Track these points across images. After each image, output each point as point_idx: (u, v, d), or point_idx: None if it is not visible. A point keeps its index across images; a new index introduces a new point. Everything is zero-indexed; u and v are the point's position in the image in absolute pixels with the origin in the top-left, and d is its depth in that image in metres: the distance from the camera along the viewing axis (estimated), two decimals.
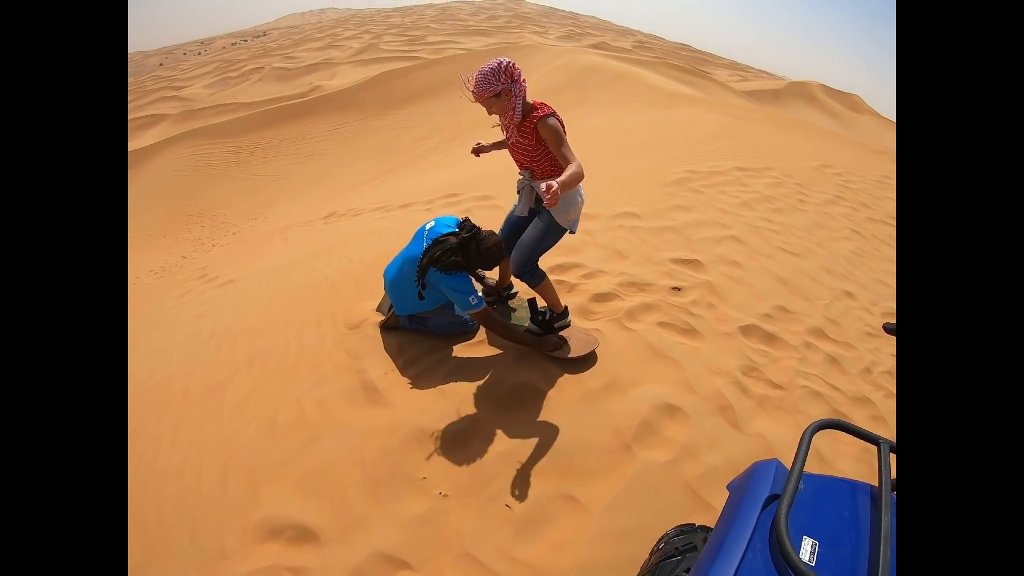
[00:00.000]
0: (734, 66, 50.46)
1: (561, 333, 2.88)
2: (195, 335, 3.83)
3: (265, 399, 2.76)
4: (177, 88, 35.40)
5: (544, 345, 2.78)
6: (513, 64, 2.39)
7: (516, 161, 2.69)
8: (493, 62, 2.37)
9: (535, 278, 2.75)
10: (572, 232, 2.73)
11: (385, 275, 2.94)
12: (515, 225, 2.91)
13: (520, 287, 3.35)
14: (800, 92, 30.49)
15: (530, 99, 2.50)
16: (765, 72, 51.52)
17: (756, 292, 3.74)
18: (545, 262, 3.61)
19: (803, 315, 3.60)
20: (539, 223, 2.66)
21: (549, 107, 2.47)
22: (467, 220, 2.68)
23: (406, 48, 35.41)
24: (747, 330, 3.29)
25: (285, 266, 4.89)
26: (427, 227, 2.76)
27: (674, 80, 19.25)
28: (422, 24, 48.03)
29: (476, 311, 2.60)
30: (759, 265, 4.14)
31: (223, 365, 3.20)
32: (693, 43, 58.77)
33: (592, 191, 5.16)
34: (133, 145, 22.30)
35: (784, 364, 3.08)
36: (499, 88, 2.37)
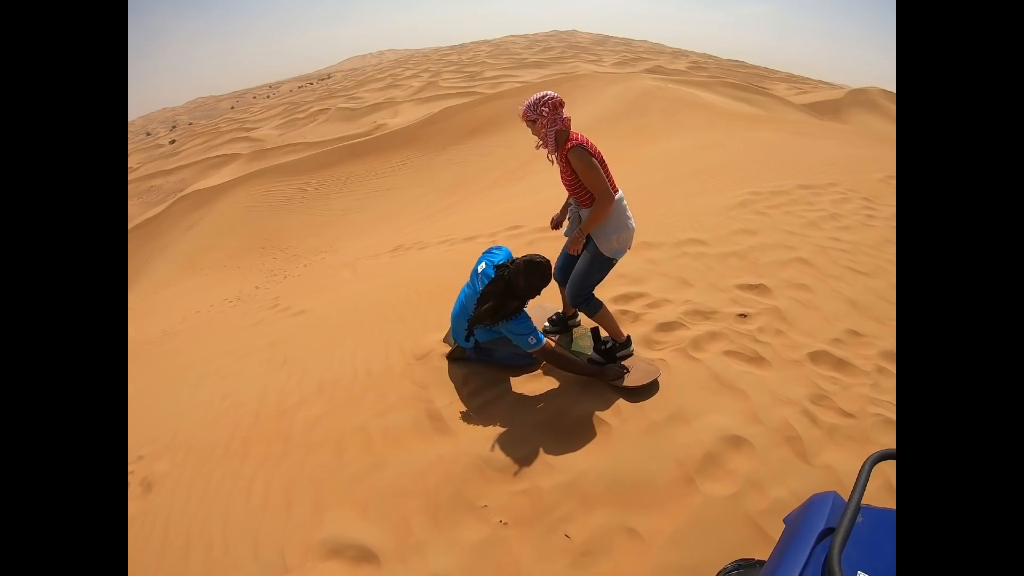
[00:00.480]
0: (791, 78, 49.06)
1: (624, 363, 2.88)
2: (268, 362, 4.05)
3: (333, 425, 2.88)
4: (248, 129, 38.11)
5: (606, 375, 2.78)
6: (555, 100, 2.59)
7: (564, 186, 2.80)
8: (540, 93, 2.61)
9: (591, 307, 2.81)
10: (615, 259, 2.79)
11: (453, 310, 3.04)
12: (569, 254, 2.97)
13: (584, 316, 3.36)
14: (861, 100, 29.31)
15: (574, 130, 2.65)
16: (824, 82, 49.71)
17: (825, 316, 3.57)
18: (609, 292, 3.65)
19: (875, 338, 3.40)
20: (586, 255, 2.77)
21: (581, 137, 2.60)
22: (501, 265, 2.73)
23: (464, 84, 36.68)
24: (816, 356, 3.14)
25: (354, 298, 5.10)
26: (479, 269, 2.85)
27: (732, 99, 18.95)
28: (478, 60, 49.67)
29: (537, 349, 2.65)
30: (828, 287, 3.96)
31: (294, 391, 3.36)
32: (748, 59, 57.82)
33: (655, 219, 5.14)
34: (208, 182, 24.14)
35: (856, 391, 2.91)
36: (534, 116, 2.61)
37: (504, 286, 2.65)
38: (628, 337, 2.94)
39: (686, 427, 2.54)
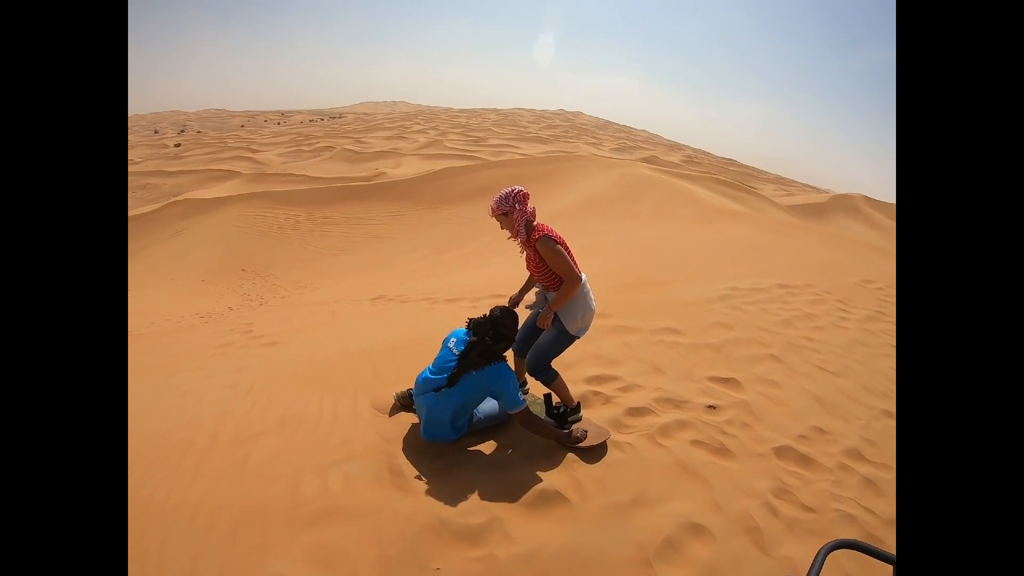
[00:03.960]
0: (779, 180, 51.50)
1: (575, 426, 3.04)
2: (232, 387, 3.93)
3: (291, 463, 2.79)
4: (254, 151, 38.48)
5: (570, 439, 2.89)
6: (523, 193, 2.89)
7: (530, 273, 3.06)
8: (508, 188, 2.90)
9: (548, 377, 3.05)
10: (578, 336, 3.01)
11: (418, 402, 2.98)
12: (533, 328, 3.19)
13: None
14: (843, 205, 30.77)
15: (540, 220, 2.96)
16: (809, 186, 52.20)
17: (792, 412, 3.65)
18: (583, 372, 3.80)
19: (840, 436, 3.48)
20: (552, 331, 3.00)
21: (547, 227, 2.89)
22: (469, 320, 2.90)
23: (468, 147, 37.80)
24: (781, 451, 3.19)
25: (330, 340, 5.05)
26: (450, 342, 2.93)
27: (720, 195, 19.79)
28: (485, 127, 51.44)
29: (521, 408, 2.74)
30: (797, 384, 4.06)
31: (255, 421, 3.26)
32: (740, 158, 60.71)
33: (636, 303, 5.29)
34: (204, 194, 24.06)
35: (818, 487, 2.95)
36: (506, 209, 2.86)
37: (490, 327, 2.79)
38: (578, 403, 3.15)
39: (648, 511, 2.54)
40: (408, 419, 3.15)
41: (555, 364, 3.15)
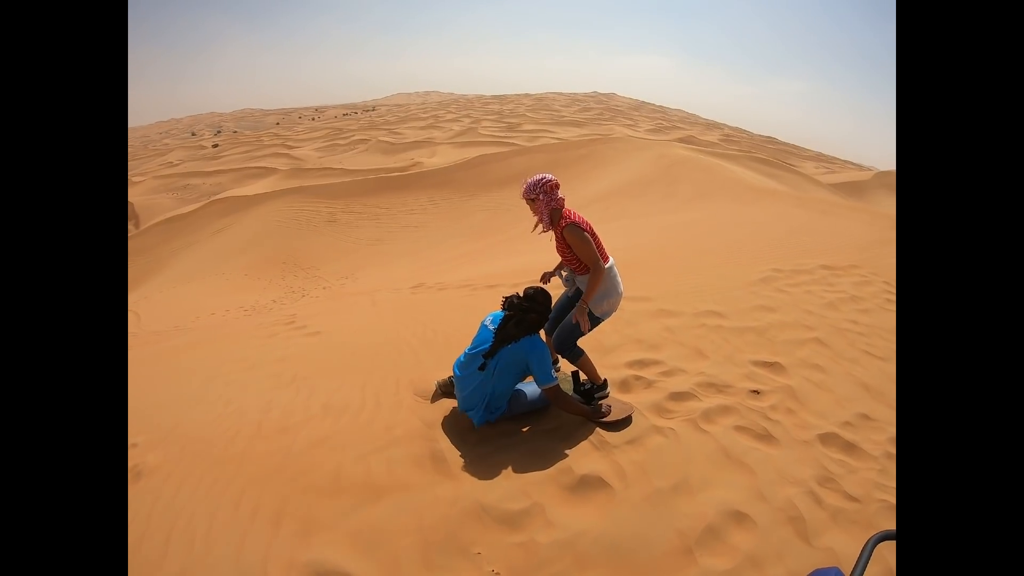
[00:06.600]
0: (819, 158, 49.58)
1: (601, 402, 3.11)
2: (276, 376, 4.04)
3: (334, 450, 2.87)
4: (290, 147, 39.33)
5: (597, 414, 2.98)
6: (552, 183, 2.95)
7: (559, 256, 3.15)
8: (539, 175, 2.98)
9: (574, 355, 3.11)
10: (603, 319, 3.10)
11: (456, 379, 3.03)
12: (565, 305, 3.31)
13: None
14: (887, 182, 29.54)
15: (573, 205, 3.04)
16: (851, 163, 50.05)
17: (838, 398, 3.54)
18: (625, 356, 3.78)
19: (886, 423, 3.36)
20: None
21: (574, 215, 2.97)
22: (504, 299, 2.94)
23: (503, 134, 37.65)
24: (826, 438, 3.10)
25: (371, 328, 5.14)
26: (487, 321, 2.99)
27: (760, 174, 19.20)
28: (519, 112, 51.06)
29: (553, 385, 2.80)
30: (842, 369, 3.93)
31: (299, 409, 3.36)
32: (779, 135, 58.60)
33: (677, 287, 5.21)
34: (244, 191, 24.77)
35: (863, 476, 2.86)
36: (533, 196, 2.97)
37: (524, 301, 2.84)
38: (605, 380, 3.21)
39: (690, 498, 2.52)
40: (450, 405, 3.19)
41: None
